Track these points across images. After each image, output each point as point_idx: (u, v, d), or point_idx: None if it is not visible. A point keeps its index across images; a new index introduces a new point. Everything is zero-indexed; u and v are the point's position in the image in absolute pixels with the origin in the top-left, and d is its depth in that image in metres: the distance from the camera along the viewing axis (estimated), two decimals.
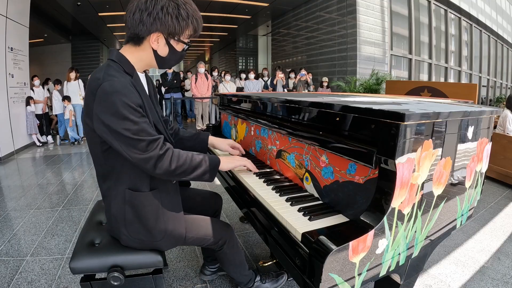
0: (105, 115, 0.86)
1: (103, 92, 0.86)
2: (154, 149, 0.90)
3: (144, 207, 1.02)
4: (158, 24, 0.91)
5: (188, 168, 0.97)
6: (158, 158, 0.91)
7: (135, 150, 0.89)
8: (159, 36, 0.94)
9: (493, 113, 1.20)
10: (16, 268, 1.76)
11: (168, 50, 0.99)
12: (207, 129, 2.30)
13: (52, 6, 7.89)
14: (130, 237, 1.05)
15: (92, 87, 0.88)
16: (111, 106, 0.85)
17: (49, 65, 11.16)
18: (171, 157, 0.93)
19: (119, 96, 0.86)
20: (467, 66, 11.83)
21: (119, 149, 0.90)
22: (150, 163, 0.90)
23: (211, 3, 8.74)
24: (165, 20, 0.91)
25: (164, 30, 0.93)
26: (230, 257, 1.29)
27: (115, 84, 0.87)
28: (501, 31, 13.64)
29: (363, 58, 7.54)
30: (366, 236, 0.73)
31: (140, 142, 0.88)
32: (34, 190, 3.17)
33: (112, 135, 0.88)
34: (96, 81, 0.88)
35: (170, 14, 0.91)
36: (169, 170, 0.93)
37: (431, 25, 9.65)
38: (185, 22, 0.94)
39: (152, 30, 0.92)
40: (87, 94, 0.91)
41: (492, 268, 1.81)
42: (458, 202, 1.08)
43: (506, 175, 3.38)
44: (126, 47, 0.99)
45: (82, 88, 6.08)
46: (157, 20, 0.91)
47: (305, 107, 1.18)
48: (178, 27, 0.94)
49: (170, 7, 0.91)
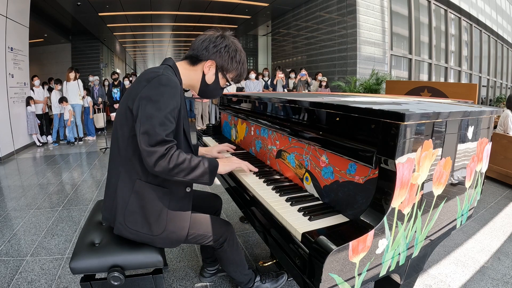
0: (149, 98, 0.96)
1: (159, 81, 0.99)
2: (160, 147, 0.95)
3: (151, 200, 1.05)
4: (217, 56, 1.12)
5: (186, 168, 1.00)
6: (160, 156, 0.95)
7: (147, 139, 0.94)
8: (212, 64, 1.14)
9: (493, 113, 1.20)
10: (16, 268, 1.76)
11: (213, 80, 1.16)
12: (207, 129, 2.30)
13: (52, 6, 7.89)
14: (125, 227, 1.05)
15: (149, 77, 1.01)
16: (159, 94, 0.97)
17: (49, 65, 11.16)
18: (171, 156, 0.97)
19: (169, 90, 0.98)
20: (467, 66, 11.82)
21: (137, 131, 0.96)
22: (152, 157, 0.94)
23: (211, 3, 8.74)
24: (224, 55, 1.12)
25: (219, 62, 1.13)
26: (230, 255, 1.29)
27: (171, 81, 1.01)
28: (501, 31, 13.63)
29: (363, 58, 7.54)
30: (366, 236, 0.73)
31: (156, 135, 0.94)
32: (34, 190, 3.17)
33: (140, 117, 0.96)
34: (154, 73, 1.02)
35: (229, 53, 1.13)
36: (167, 168, 0.96)
37: (431, 25, 9.65)
38: (236, 65, 1.16)
39: (210, 57, 1.12)
40: (139, 81, 1.03)
41: (492, 268, 1.81)
42: (458, 202, 1.08)
43: (506, 175, 3.38)
44: (181, 63, 1.16)
45: (82, 88, 6.07)
46: (218, 52, 1.12)
47: (305, 107, 1.18)
48: (230, 65, 1.15)
49: (231, 49, 1.13)
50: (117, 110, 1.09)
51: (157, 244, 1.10)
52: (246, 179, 1.25)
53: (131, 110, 1.00)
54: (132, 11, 9.23)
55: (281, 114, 1.38)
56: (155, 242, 1.09)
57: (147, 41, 15.07)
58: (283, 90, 7.34)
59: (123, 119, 1.04)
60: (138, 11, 9.25)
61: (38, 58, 10.52)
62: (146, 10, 9.21)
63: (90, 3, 8.07)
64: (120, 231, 1.07)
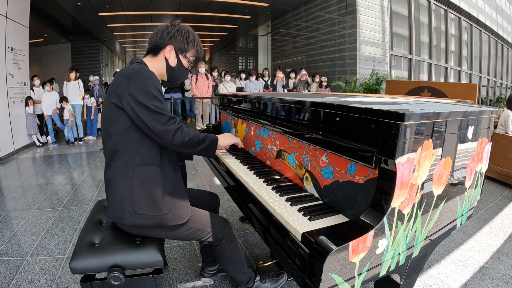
0: (138, 91, 1.06)
1: (140, 75, 1.09)
2: (173, 123, 1.10)
3: (153, 180, 1.11)
4: (173, 40, 1.23)
5: (197, 142, 1.17)
6: (176, 131, 1.10)
7: (159, 122, 1.07)
8: (171, 49, 1.23)
9: (493, 113, 1.20)
10: (16, 268, 1.76)
11: (176, 62, 1.26)
12: (207, 129, 2.30)
13: (52, 6, 7.89)
14: (136, 215, 1.08)
15: (128, 74, 1.09)
16: (145, 86, 1.07)
17: (49, 65, 11.16)
18: (184, 131, 1.13)
19: (152, 81, 1.10)
20: (467, 66, 11.82)
21: (145, 121, 1.06)
22: (170, 134, 1.08)
23: (211, 3, 8.74)
24: (178, 38, 1.23)
25: (176, 45, 1.24)
26: (228, 253, 1.30)
27: (150, 73, 1.12)
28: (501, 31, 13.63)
29: (363, 58, 7.53)
30: (366, 236, 0.73)
31: (163, 116, 1.08)
32: (34, 190, 3.17)
33: (141, 109, 1.06)
34: (132, 69, 1.10)
35: (182, 35, 1.24)
36: (183, 141, 1.12)
37: (431, 25, 9.64)
38: (192, 44, 1.26)
39: (167, 43, 1.22)
40: (119, 79, 1.10)
41: (492, 268, 1.81)
42: (458, 202, 1.08)
43: (506, 175, 3.38)
44: (146, 58, 1.26)
45: (82, 88, 6.07)
46: (173, 37, 1.22)
47: (305, 107, 1.18)
48: (186, 45, 1.25)
49: (183, 31, 1.24)
50: (103, 111, 1.17)
51: (169, 222, 1.13)
52: (246, 179, 1.25)
53: (118, 106, 1.08)
54: (132, 11, 9.24)
55: (281, 114, 1.38)
56: (167, 221, 1.12)
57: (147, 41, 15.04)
58: (283, 90, 7.33)
59: (111, 116, 1.11)
60: (138, 11, 9.25)
61: (38, 58, 10.52)
62: (146, 10, 9.21)
63: (90, 3, 8.07)
64: (132, 221, 1.09)
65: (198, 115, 6.84)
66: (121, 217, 1.10)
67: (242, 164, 1.47)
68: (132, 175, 1.09)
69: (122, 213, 1.09)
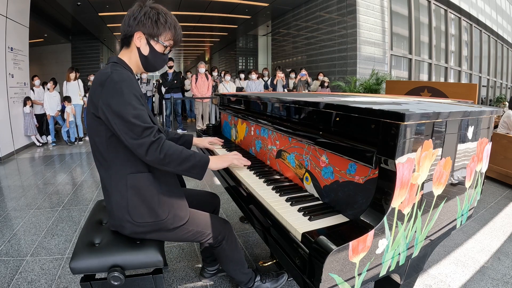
0: (111, 99, 0.98)
1: (112, 81, 0.99)
2: (147, 135, 0.99)
3: (147, 187, 1.07)
4: (140, 26, 1.08)
5: (177, 159, 1.03)
6: (150, 144, 0.98)
7: (131, 134, 0.98)
8: (140, 36, 1.10)
9: (493, 113, 1.20)
10: (16, 268, 1.76)
11: (149, 50, 1.13)
12: (207, 129, 2.29)
13: (52, 6, 7.89)
14: (135, 223, 1.07)
15: (101, 80, 1.01)
16: (117, 91, 0.98)
17: (49, 65, 11.16)
18: (162, 145, 1.00)
19: (125, 84, 1.00)
20: (467, 66, 11.82)
21: (117, 133, 0.99)
22: (143, 148, 0.98)
23: (211, 3, 8.74)
24: (146, 22, 1.08)
25: (145, 31, 1.09)
26: (228, 253, 1.30)
27: (122, 75, 1.02)
28: (501, 31, 13.63)
29: (363, 58, 7.54)
30: (366, 236, 0.73)
31: (136, 127, 0.97)
32: (34, 190, 3.17)
33: (114, 117, 0.97)
34: (104, 75, 1.01)
35: (150, 18, 1.08)
36: (159, 157, 0.99)
37: (431, 25, 9.64)
38: (163, 26, 1.11)
39: (135, 30, 1.09)
40: (94, 87, 1.03)
41: (492, 268, 1.81)
42: (458, 202, 1.08)
43: (506, 175, 3.38)
44: (121, 52, 1.16)
45: (82, 88, 6.07)
46: (139, 22, 1.08)
47: (305, 107, 1.18)
48: (156, 29, 1.10)
49: (151, 14, 1.09)
50: (86, 120, 1.12)
51: (169, 226, 1.12)
52: (246, 179, 1.25)
53: (96, 115, 1.02)
54: None
55: (281, 114, 1.38)
56: (167, 225, 1.11)
57: None
58: (283, 90, 7.33)
59: (93, 126, 1.05)
60: None
61: (38, 58, 10.52)
62: None
63: (90, 3, 8.07)
64: (132, 229, 1.08)
65: (198, 115, 6.84)
66: (121, 227, 1.09)
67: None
68: (125, 184, 1.06)
69: (121, 222, 1.08)
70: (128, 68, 1.12)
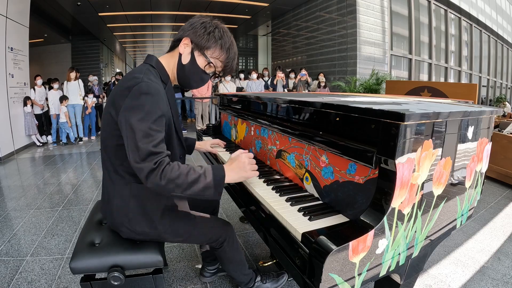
0: (131, 110, 0.90)
1: (139, 90, 0.92)
2: (149, 161, 0.88)
3: (151, 199, 1.04)
4: (191, 32, 1.02)
5: (182, 183, 0.90)
6: (149, 171, 0.87)
7: (135, 155, 0.89)
8: (187, 42, 1.03)
9: (493, 113, 1.20)
10: (16, 268, 1.76)
11: (189, 59, 1.05)
12: (207, 129, 2.29)
13: (52, 6, 7.89)
14: (133, 231, 1.06)
15: (130, 84, 0.94)
16: (140, 104, 0.91)
17: (49, 65, 11.16)
18: (163, 170, 0.88)
19: (150, 99, 0.91)
20: (467, 66, 11.83)
21: (125, 146, 0.92)
22: (142, 174, 0.88)
23: (211, 3, 8.74)
24: (199, 30, 1.02)
25: (194, 39, 1.02)
26: (230, 255, 1.29)
27: (151, 87, 0.93)
28: (501, 31, 13.64)
29: (363, 58, 7.54)
30: (366, 236, 0.73)
31: (142, 149, 0.87)
32: (34, 190, 3.17)
33: (128, 129, 0.90)
34: (134, 79, 0.94)
35: (205, 28, 1.02)
36: (160, 184, 0.88)
37: (431, 25, 9.65)
38: (214, 40, 1.03)
39: (185, 34, 1.03)
40: (120, 88, 0.96)
41: (492, 268, 1.81)
42: (458, 202, 1.08)
43: (506, 175, 3.38)
44: (165, 55, 1.09)
45: (82, 88, 6.07)
46: (193, 28, 1.02)
47: (305, 107, 1.18)
48: (206, 41, 1.02)
49: (208, 24, 1.03)
50: (103, 117, 1.05)
51: (167, 238, 1.11)
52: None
53: (114, 119, 0.96)
54: (132, 11, 9.24)
55: (281, 114, 1.38)
56: (165, 236, 1.10)
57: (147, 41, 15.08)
58: (283, 90, 7.33)
59: (108, 127, 1.00)
60: (138, 11, 9.26)
61: (38, 58, 10.52)
62: (146, 10, 9.22)
63: (90, 3, 8.08)
64: (129, 235, 1.08)
65: (198, 115, 6.84)
66: (119, 230, 1.09)
67: None
68: (128, 192, 1.03)
69: (119, 226, 1.07)
70: (164, 74, 1.05)
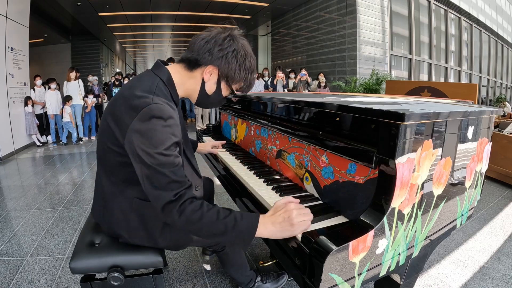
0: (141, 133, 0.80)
1: (150, 113, 0.81)
2: (168, 190, 0.79)
3: (152, 217, 0.98)
4: (222, 61, 0.92)
5: (202, 230, 0.80)
6: (167, 203, 0.79)
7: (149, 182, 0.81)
8: (214, 72, 0.94)
9: (493, 113, 1.20)
10: (16, 268, 1.76)
11: (215, 89, 0.98)
12: (207, 129, 2.29)
13: (52, 6, 7.89)
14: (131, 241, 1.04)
15: (137, 104, 0.82)
16: (151, 129, 0.80)
17: (49, 65, 11.16)
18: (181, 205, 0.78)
19: (163, 124, 0.81)
20: (467, 66, 11.83)
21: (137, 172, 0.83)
22: (158, 204, 0.80)
23: (211, 3, 8.74)
24: (231, 61, 0.93)
25: (223, 70, 0.94)
26: (231, 258, 1.29)
27: (164, 111, 0.82)
28: (501, 31, 13.64)
29: (363, 58, 7.54)
30: (366, 236, 0.73)
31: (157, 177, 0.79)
32: (34, 190, 3.17)
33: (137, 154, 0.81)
34: (143, 98, 0.83)
35: (237, 59, 0.94)
36: (175, 221, 0.79)
37: (431, 25, 9.65)
38: (245, 73, 0.97)
39: (213, 63, 0.92)
40: (124, 105, 0.85)
41: (492, 268, 1.81)
42: (458, 202, 1.08)
43: (506, 175, 3.38)
44: (177, 66, 0.97)
45: (82, 88, 6.08)
46: (223, 57, 0.92)
47: (305, 107, 1.18)
48: (237, 74, 0.96)
49: (240, 54, 0.94)
50: (100, 125, 0.95)
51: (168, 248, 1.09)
52: (246, 178, 1.25)
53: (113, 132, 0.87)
54: (132, 11, 9.25)
55: (281, 114, 1.38)
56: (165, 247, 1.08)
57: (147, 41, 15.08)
58: (283, 90, 7.34)
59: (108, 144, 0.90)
60: (138, 11, 9.26)
61: (38, 58, 10.52)
62: (146, 10, 9.22)
63: (90, 3, 8.08)
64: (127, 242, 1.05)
65: (198, 115, 6.85)
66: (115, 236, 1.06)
67: (242, 164, 1.47)
68: (130, 205, 0.96)
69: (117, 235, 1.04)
70: (175, 95, 0.95)
